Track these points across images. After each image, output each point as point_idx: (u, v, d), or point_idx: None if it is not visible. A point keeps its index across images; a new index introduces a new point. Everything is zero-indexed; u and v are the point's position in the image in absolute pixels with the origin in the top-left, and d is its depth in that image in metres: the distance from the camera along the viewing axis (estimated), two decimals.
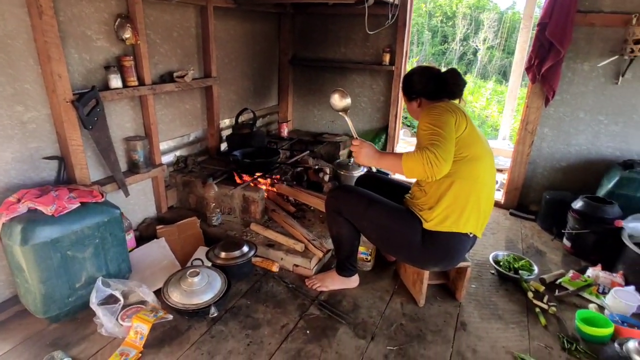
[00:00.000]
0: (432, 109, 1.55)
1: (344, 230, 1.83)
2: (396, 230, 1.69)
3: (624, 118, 2.55)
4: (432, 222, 1.62)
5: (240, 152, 2.56)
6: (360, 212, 1.75)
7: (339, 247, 1.91)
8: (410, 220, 1.68)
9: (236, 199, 2.31)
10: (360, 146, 1.63)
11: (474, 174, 1.58)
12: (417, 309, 1.86)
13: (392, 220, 1.70)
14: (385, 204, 1.74)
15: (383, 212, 1.72)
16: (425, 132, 1.49)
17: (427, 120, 1.51)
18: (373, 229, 1.76)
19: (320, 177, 2.72)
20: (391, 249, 1.84)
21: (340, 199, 1.80)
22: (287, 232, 2.20)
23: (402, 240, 1.69)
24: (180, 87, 2.32)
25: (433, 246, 1.65)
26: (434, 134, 1.45)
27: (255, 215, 2.29)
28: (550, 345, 1.66)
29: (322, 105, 3.56)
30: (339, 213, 1.80)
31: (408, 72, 1.75)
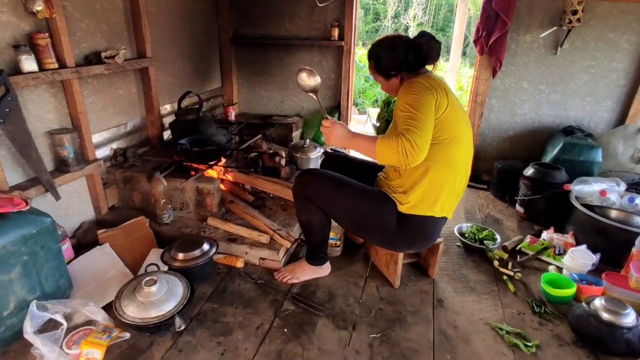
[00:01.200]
0: (411, 85, 1.44)
1: (315, 217, 1.72)
2: (370, 214, 1.62)
3: (562, 87, 2.69)
4: (406, 205, 1.57)
5: (188, 141, 2.31)
6: (331, 197, 1.65)
7: (310, 235, 1.80)
8: (384, 203, 1.61)
9: (188, 193, 2.09)
10: (331, 127, 1.51)
11: (452, 158, 1.52)
12: (393, 291, 1.82)
13: (366, 203, 1.62)
14: (357, 186, 1.65)
15: (355, 196, 1.63)
16: (403, 113, 1.39)
17: (406, 100, 1.41)
18: (345, 214, 1.67)
19: (277, 162, 2.56)
20: (365, 234, 1.76)
21: (310, 184, 1.67)
22: (249, 224, 2.04)
23: (376, 223, 1.62)
24: (111, 70, 2.00)
25: (408, 229, 1.60)
26: (411, 118, 1.36)
27: (212, 209, 2.09)
28: (522, 311, 1.71)
29: (269, 85, 3.35)
30: (309, 199, 1.68)
31: (377, 48, 1.57)
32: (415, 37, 1.54)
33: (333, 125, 1.51)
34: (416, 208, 1.56)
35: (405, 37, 1.56)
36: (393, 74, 1.55)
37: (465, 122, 1.56)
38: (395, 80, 1.57)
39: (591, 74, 2.61)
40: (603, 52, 2.55)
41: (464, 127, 1.54)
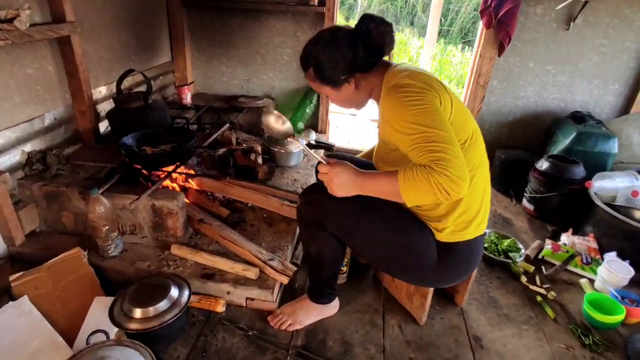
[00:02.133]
0: (399, 90, 1.03)
1: (328, 248, 1.30)
2: (405, 247, 1.22)
3: (571, 67, 2.42)
4: (445, 232, 1.19)
5: (135, 138, 1.73)
6: (352, 224, 1.22)
7: (318, 269, 1.38)
8: (420, 232, 1.21)
9: (142, 213, 1.55)
10: (330, 173, 1.09)
11: (478, 159, 1.16)
12: (419, 329, 1.47)
13: (397, 233, 1.22)
14: (384, 208, 1.23)
15: (382, 223, 1.22)
16: (413, 136, 0.98)
17: (406, 117, 1.00)
18: (372, 247, 1.26)
19: (252, 160, 2.06)
20: (397, 272, 1.35)
21: (321, 207, 1.23)
22: (228, 251, 1.56)
23: (413, 259, 1.23)
24: (10, 39, 1.36)
25: (451, 260, 1.22)
26: (431, 141, 0.96)
27: (175, 232, 1.57)
28: (570, 345, 1.45)
29: (231, 60, 2.75)
30: (321, 226, 1.24)
31: (313, 50, 1.14)
32: (359, 24, 1.13)
33: (332, 169, 1.09)
34: (458, 233, 1.19)
35: (345, 28, 1.15)
36: (344, 78, 1.14)
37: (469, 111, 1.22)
38: (349, 87, 1.17)
39: (602, 54, 2.36)
40: (617, 29, 2.29)
41: (472, 117, 1.19)
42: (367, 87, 1.18)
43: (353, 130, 3.57)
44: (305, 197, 1.29)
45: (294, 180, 2.17)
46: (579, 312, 1.60)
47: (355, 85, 1.17)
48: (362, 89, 1.18)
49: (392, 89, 1.06)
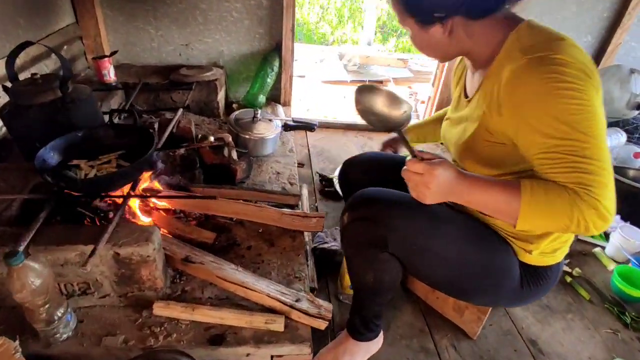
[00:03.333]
0: (549, 70, 0.68)
1: (389, 274, 1.01)
2: (484, 267, 0.96)
3: (549, 18, 2.28)
4: (535, 253, 0.95)
5: (56, 149, 1.17)
6: (422, 243, 0.93)
7: (372, 300, 1.09)
8: (503, 249, 0.96)
9: (99, 266, 1.05)
10: (428, 175, 0.74)
11: None
12: (473, 345, 1.27)
13: (477, 250, 0.95)
14: (457, 221, 0.96)
15: (460, 238, 0.95)
16: (560, 143, 0.69)
17: (556, 112, 0.69)
18: (442, 268, 0.97)
19: (226, 156, 1.59)
20: (467, 295, 1.09)
21: (385, 223, 0.91)
22: (235, 297, 1.16)
23: (491, 281, 0.98)
24: None
25: (536, 285, 0.99)
26: (586, 156, 0.67)
27: (154, 284, 1.11)
28: (614, 328, 1.39)
29: (161, 20, 2.09)
30: (382, 246, 0.93)
31: None
32: None
33: (431, 170, 0.73)
34: (549, 256, 0.96)
35: None
36: (437, 17, 0.80)
37: None
38: (439, 31, 0.82)
39: (580, 4, 2.24)
40: None
41: None
42: (466, 40, 0.83)
43: (303, 95, 3.15)
44: (356, 210, 0.96)
45: (277, 173, 1.76)
46: (606, 286, 1.55)
47: (450, 32, 0.81)
48: (458, 40, 0.83)
49: (539, 62, 0.70)
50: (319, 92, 3.28)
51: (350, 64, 3.63)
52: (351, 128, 2.57)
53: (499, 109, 0.78)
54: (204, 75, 2.02)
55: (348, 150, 2.31)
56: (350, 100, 3.16)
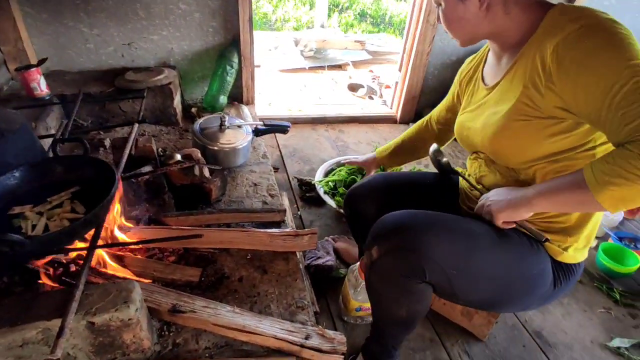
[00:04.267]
0: (601, 27, 0.70)
1: (422, 304, 0.93)
2: (520, 277, 0.91)
3: None
4: (570, 250, 0.91)
5: None
6: (462, 265, 0.85)
7: (398, 332, 1.02)
8: (537, 253, 0.91)
9: (71, 340, 0.87)
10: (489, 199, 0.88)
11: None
12: (484, 347, 1.25)
13: (515, 261, 0.89)
14: (489, 234, 0.89)
15: (497, 253, 0.88)
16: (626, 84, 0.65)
17: (617, 54, 0.67)
18: (480, 286, 0.90)
19: (197, 175, 1.41)
20: (500, 306, 1.02)
21: (421, 251, 0.82)
22: (233, 341, 1.03)
23: (526, 289, 0.93)
24: None
25: (566, 283, 0.96)
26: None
27: (141, 346, 0.95)
28: (607, 306, 1.44)
29: (96, 16, 1.79)
30: (419, 277, 0.84)
31: None
32: None
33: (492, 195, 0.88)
34: (581, 251, 0.93)
35: None
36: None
37: None
38: (476, 3, 0.80)
39: None
40: None
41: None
42: (502, 17, 0.81)
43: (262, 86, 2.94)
44: (387, 241, 0.86)
45: (254, 185, 1.61)
46: (592, 264, 1.60)
47: (488, 5, 0.79)
48: (493, 17, 0.81)
49: (595, 24, 0.71)
50: (277, 82, 3.09)
51: (306, 49, 3.45)
52: (320, 121, 2.44)
53: (546, 81, 0.75)
54: (155, 79, 1.78)
55: (322, 148, 2.18)
56: (312, 89, 3.01)
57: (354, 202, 1.18)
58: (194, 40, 1.96)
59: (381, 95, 2.88)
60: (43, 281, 0.98)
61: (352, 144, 2.26)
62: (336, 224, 1.67)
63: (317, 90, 3.00)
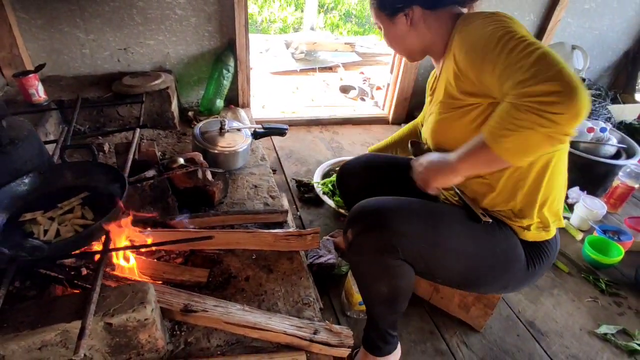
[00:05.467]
0: (477, 17, 0.85)
1: (404, 279, 0.99)
2: (491, 253, 0.97)
3: None
4: (534, 227, 0.98)
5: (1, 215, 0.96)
6: (431, 241, 0.93)
7: (389, 310, 1.07)
8: (503, 230, 0.99)
9: (89, 341, 0.89)
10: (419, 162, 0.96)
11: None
12: (481, 337, 1.31)
13: (482, 237, 0.96)
14: (456, 213, 0.98)
15: (463, 229, 0.96)
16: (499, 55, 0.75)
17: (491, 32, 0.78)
18: (453, 263, 0.97)
19: (200, 178, 1.44)
20: (477, 285, 1.08)
21: (392, 229, 0.91)
22: (244, 338, 1.06)
23: (499, 266, 0.99)
24: None
25: (540, 262, 1.02)
26: (520, 50, 0.73)
27: (155, 345, 0.98)
28: (593, 296, 1.51)
29: (92, 21, 1.79)
30: (393, 252, 0.92)
31: None
32: None
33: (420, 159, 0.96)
34: (546, 230, 1.00)
35: None
36: (400, 7, 0.95)
37: None
38: (403, 21, 0.96)
39: None
40: None
41: None
42: (426, 31, 0.96)
43: (254, 89, 2.97)
44: (359, 223, 0.95)
45: (255, 187, 1.64)
46: (578, 257, 1.69)
47: (412, 22, 0.96)
48: (419, 32, 0.97)
49: (477, 17, 0.85)
50: (269, 85, 3.12)
51: (297, 52, 3.49)
52: (314, 123, 2.48)
53: (457, 70, 0.87)
54: (153, 84, 1.79)
55: (318, 150, 2.23)
56: (304, 91, 3.05)
57: (345, 177, 1.34)
58: (190, 44, 1.98)
59: (372, 96, 2.93)
60: (57, 285, 0.99)
61: (347, 144, 2.31)
62: (335, 223, 1.71)
63: (309, 92, 3.04)
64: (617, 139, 2.04)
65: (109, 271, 1.06)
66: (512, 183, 0.94)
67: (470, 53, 0.82)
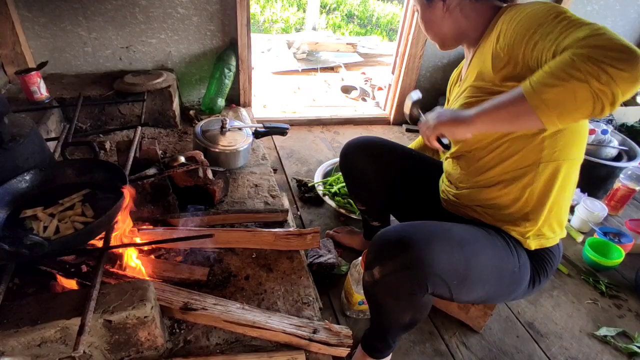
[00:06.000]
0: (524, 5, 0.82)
1: (425, 311, 0.98)
2: (511, 271, 0.97)
3: None
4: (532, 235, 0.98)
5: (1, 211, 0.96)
6: (462, 273, 0.89)
7: (400, 332, 1.07)
8: (516, 246, 0.98)
9: (88, 338, 0.89)
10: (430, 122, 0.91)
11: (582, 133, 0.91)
12: (481, 338, 1.31)
13: (503, 257, 0.96)
14: (477, 236, 0.95)
15: (488, 256, 0.94)
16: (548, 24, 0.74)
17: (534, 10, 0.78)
18: (480, 288, 0.96)
19: (201, 176, 1.44)
20: (496, 299, 1.08)
21: (424, 267, 0.84)
22: (243, 337, 1.06)
23: (515, 280, 0.99)
24: None
25: (544, 271, 1.03)
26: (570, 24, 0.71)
27: (155, 343, 0.98)
28: (593, 298, 1.51)
29: (94, 19, 1.80)
30: (424, 289, 0.87)
31: None
32: None
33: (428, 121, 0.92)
34: (548, 239, 1.00)
35: None
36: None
37: None
38: (440, 7, 0.96)
39: None
40: None
41: None
42: (462, 19, 0.95)
43: (256, 89, 2.98)
44: (389, 259, 0.86)
45: (255, 186, 1.64)
46: (578, 258, 1.68)
47: (448, 9, 0.95)
48: (455, 19, 0.95)
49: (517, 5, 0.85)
50: (271, 85, 3.12)
51: (299, 51, 3.49)
52: (315, 123, 2.48)
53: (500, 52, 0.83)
54: (154, 83, 1.80)
55: (318, 150, 2.23)
56: (306, 91, 3.05)
57: (349, 155, 1.32)
58: (192, 43, 1.99)
59: (374, 97, 2.93)
60: (58, 282, 1.00)
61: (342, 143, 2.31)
62: (335, 223, 1.71)
63: (310, 92, 3.04)
64: (619, 141, 2.04)
65: (109, 268, 1.07)
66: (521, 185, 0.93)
67: (523, 23, 0.78)
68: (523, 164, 0.91)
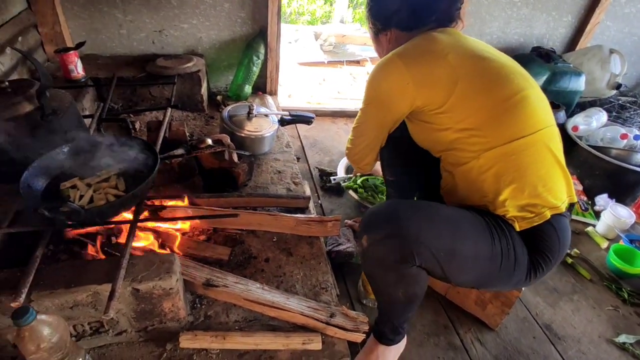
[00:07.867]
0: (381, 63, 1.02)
1: (420, 285, 0.99)
2: (504, 251, 0.96)
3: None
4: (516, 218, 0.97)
5: (41, 172, 1.02)
6: (449, 248, 0.92)
7: (401, 312, 1.07)
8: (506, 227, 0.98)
9: (119, 304, 0.94)
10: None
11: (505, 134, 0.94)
12: (496, 336, 1.30)
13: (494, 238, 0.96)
14: (468, 216, 0.97)
15: (477, 234, 0.95)
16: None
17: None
18: (470, 267, 0.97)
19: (226, 159, 1.47)
20: (494, 285, 1.07)
21: (413, 237, 0.88)
22: (261, 316, 1.09)
23: (510, 262, 0.97)
24: None
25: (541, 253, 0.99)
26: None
27: (178, 314, 1.02)
28: (615, 304, 1.48)
29: (130, 3, 1.85)
30: (410, 261, 0.90)
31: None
32: None
33: None
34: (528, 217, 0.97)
35: None
36: (381, 28, 1.13)
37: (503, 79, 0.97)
38: (385, 38, 1.15)
39: None
40: None
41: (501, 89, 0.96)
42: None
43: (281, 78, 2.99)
44: (376, 230, 0.92)
45: (278, 172, 1.67)
46: (601, 264, 1.64)
47: (390, 40, 1.13)
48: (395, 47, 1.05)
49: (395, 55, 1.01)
50: (296, 75, 3.14)
51: (326, 43, 3.49)
52: (340, 115, 2.48)
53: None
54: (185, 67, 1.84)
55: (341, 141, 2.23)
56: (331, 83, 3.05)
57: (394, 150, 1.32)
58: (222, 29, 2.02)
59: None
60: (89, 250, 1.04)
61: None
62: (355, 213, 1.72)
63: (335, 84, 3.04)
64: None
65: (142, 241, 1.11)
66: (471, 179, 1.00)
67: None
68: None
